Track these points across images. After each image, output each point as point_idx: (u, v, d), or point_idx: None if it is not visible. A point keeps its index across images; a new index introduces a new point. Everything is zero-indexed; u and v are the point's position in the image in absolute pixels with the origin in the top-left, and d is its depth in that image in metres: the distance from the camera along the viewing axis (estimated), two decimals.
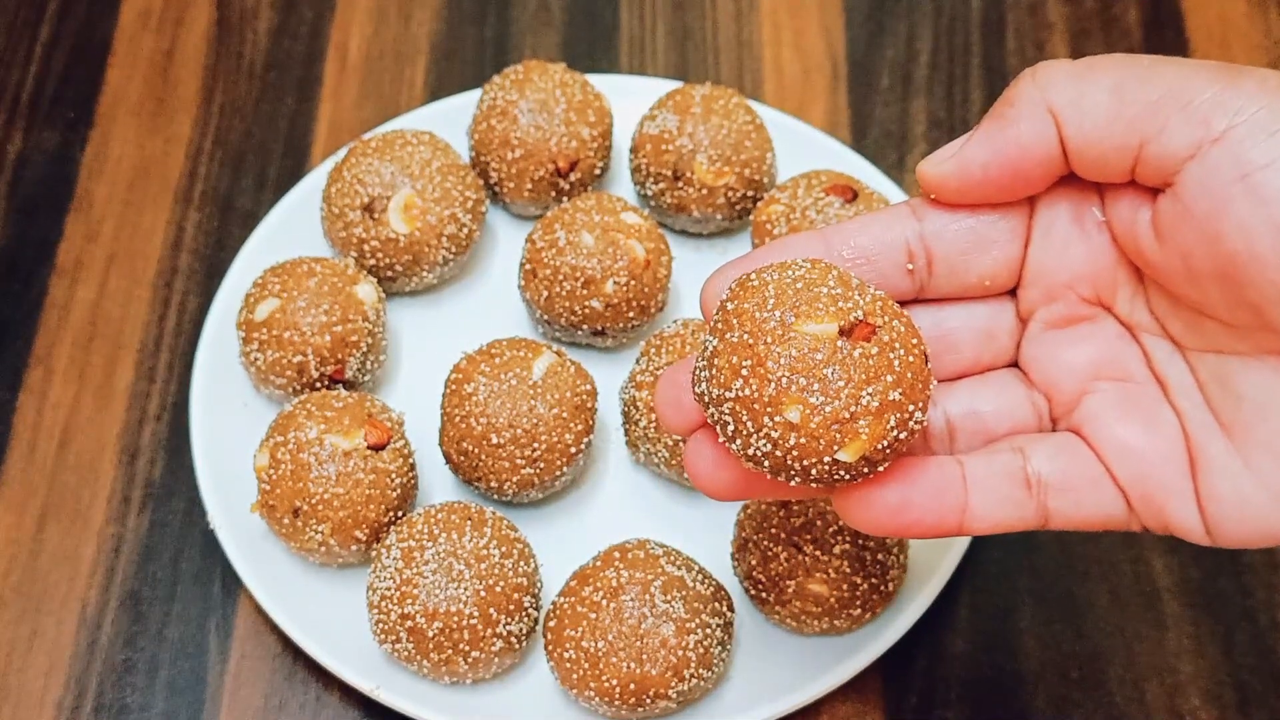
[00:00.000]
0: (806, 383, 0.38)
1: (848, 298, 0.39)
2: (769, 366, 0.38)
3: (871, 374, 0.38)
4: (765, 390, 0.38)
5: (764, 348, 0.38)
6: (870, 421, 0.38)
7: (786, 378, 0.38)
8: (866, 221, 0.42)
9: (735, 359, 0.39)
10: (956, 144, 0.40)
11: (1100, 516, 0.40)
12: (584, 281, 0.60)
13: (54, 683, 0.58)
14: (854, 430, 0.38)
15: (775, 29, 0.77)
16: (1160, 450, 0.39)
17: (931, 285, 0.42)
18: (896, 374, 0.38)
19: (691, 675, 0.52)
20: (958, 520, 0.40)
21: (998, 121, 0.39)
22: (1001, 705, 0.57)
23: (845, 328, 0.38)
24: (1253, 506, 0.38)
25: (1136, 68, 0.37)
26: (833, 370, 0.38)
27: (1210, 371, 0.39)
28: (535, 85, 0.65)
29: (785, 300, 0.39)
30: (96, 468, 0.63)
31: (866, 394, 0.38)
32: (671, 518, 0.60)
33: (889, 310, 0.39)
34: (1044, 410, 0.42)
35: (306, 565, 0.58)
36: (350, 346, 0.60)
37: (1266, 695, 0.57)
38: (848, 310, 0.38)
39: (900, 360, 0.38)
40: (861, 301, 0.39)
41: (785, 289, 0.39)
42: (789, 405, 0.38)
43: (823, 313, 0.38)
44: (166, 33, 0.77)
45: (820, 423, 0.38)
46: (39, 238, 0.70)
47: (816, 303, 0.39)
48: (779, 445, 0.38)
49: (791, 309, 0.39)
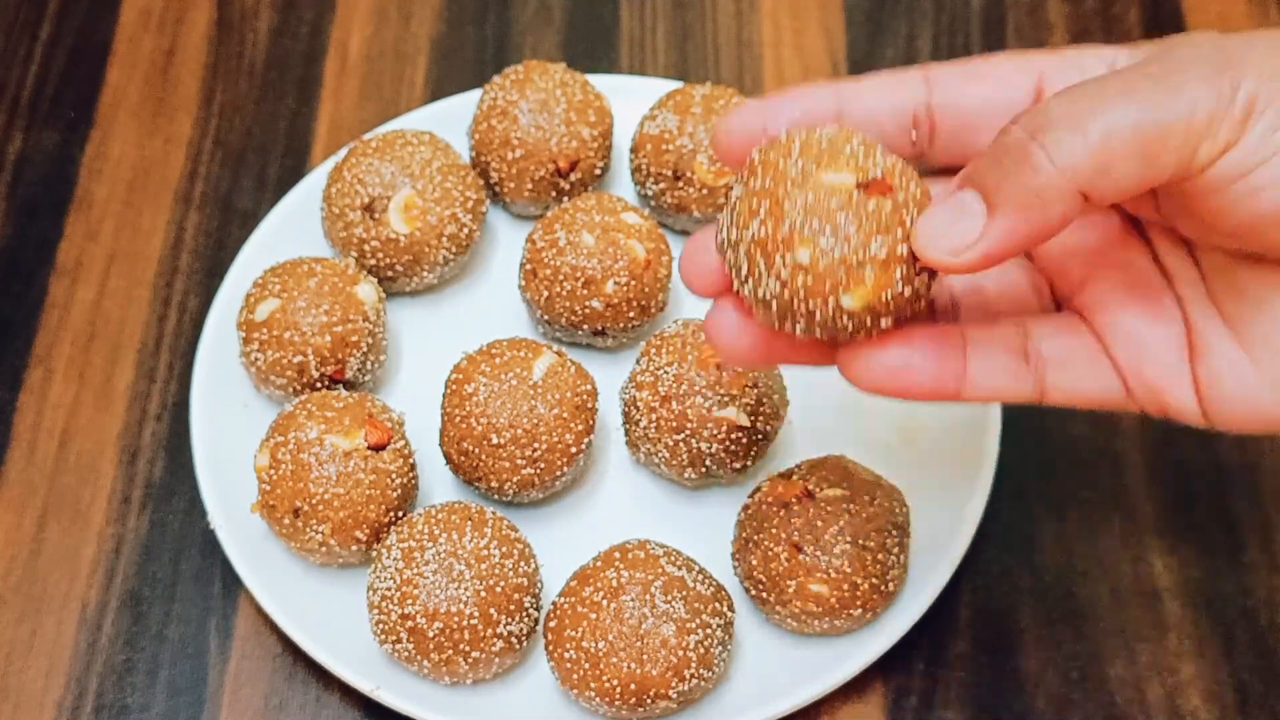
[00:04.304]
0: (819, 225, 0.40)
1: (869, 157, 0.40)
2: (785, 208, 0.40)
3: (883, 226, 0.39)
4: (780, 231, 0.40)
5: (783, 191, 0.40)
6: (876, 270, 0.39)
7: (801, 220, 0.40)
8: (878, 83, 0.42)
9: (755, 202, 0.40)
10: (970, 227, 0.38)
11: (1097, 395, 0.41)
12: (584, 281, 0.60)
13: (54, 683, 0.58)
14: (860, 276, 0.39)
15: (775, 29, 0.77)
16: (1160, 335, 0.40)
17: (930, 154, 0.42)
18: (907, 230, 0.40)
19: (692, 675, 0.52)
20: (956, 387, 0.41)
21: (1023, 211, 0.37)
22: (1001, 705, 0.57)
23: (863, 182, 0.40)
24: (1252, 393, 0.38)
25: (1137, 103, 0.36)
26: (845, 217, 0.40)
27: (1215, 266, 0.39)
28: (535, 85, 0.65)
29: (809, 153, 0.40)
30: (96, 468, 0.63)
31: (875, 243, 0.39)
32: (671, 518, 0.60)
33: (908, 175, 0.40)
34: (1046, 293, 0.43)
35: (306, 565, 0.58)
36: (350, 346, 0.60)
37: (1266, 695, 0.57)
38: (867, 167, 0.40)
39: (913, 219, 0.40)
40: (882, 163, 0.40)
41: (810, 145, 0.41)
42: (800, 246, 0.40)
43: (843, 166, 0.40)
44: (166, 33, 0.77)
45: (828, 265, 0.39)
46: (39, 238, 0.70)
47: (838, 157, 0.40)
48: (788, 286, 0.40)
49: (814, 160, 0.40)
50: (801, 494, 0.55)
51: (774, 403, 0.58)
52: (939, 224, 0.39)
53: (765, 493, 0.56)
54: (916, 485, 0.58)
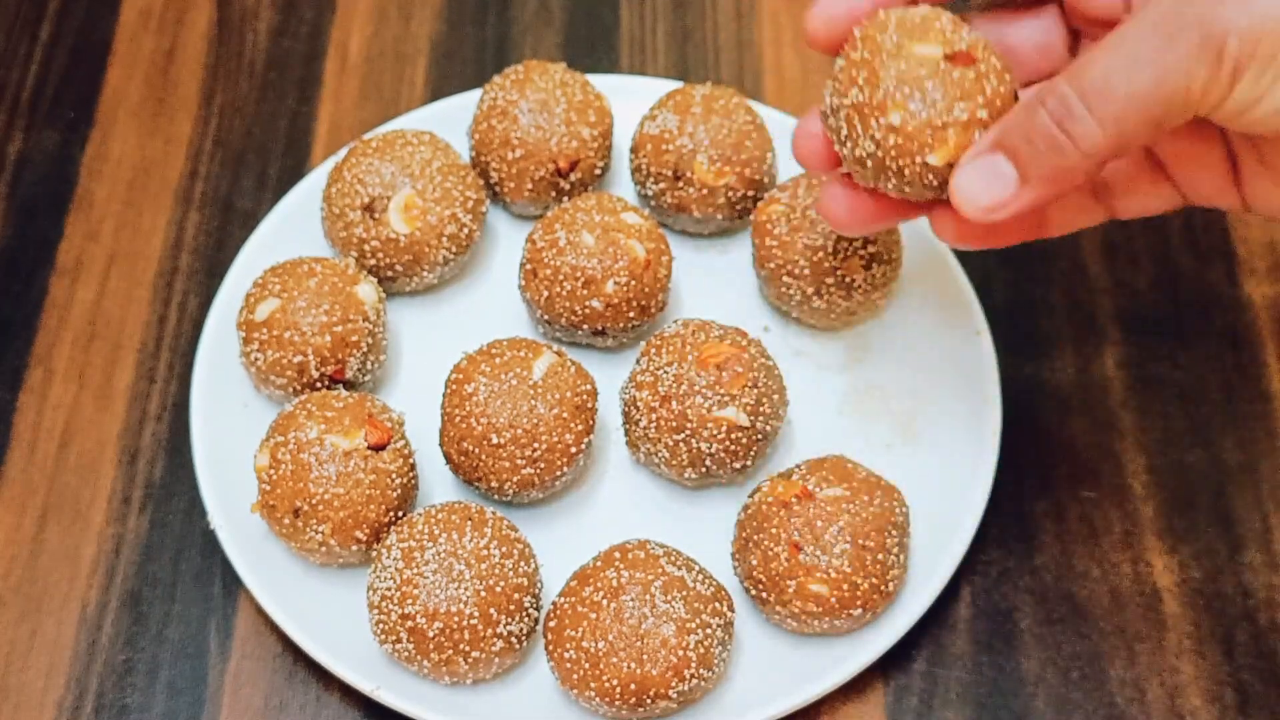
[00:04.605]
0: (910, 91, 0.46)
1: (956, 32, 0.46)
2: (880, 76, 0.46)
3: (965, 92, 0.45)
4: (875, 96, 0.46)
5: (879, 61, 0.46)
6: (957, 131, 0.45)
7: (894, 86, 0.46)
8: None
9: (854, 72, 0.47)
10: (1003, 189, 0.45)
11: (1159, 208, 0.50)
12: (584, 281, 0.60)
13: (54, 683, 0.58)
14: (944, 137, 0.45)
15: (775, 29, 0.77)
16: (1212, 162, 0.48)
17: None
18: (986, 97, 0.46)
19: (692, 675, 0.52)
20: (1038, 222, 0.51)
21: (1051, 183, 0.44)
22: (1001, 705, 0.57)
23: (949, 54, 0.46)
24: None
25: (1142, 84, 0.41)
26: (932, 84, 0.46)
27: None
28: (535, 85, 0.65)
29: (904, 28, 0.47)
30: (96, 468, 0.63)
31: (959, 108, 0.45)
32: (671, 518, 0.60)
33: (990, 50, 0.46)
34: None
35: (306, 565, 0.58)
36: (350, 346, 0.60)
37: (1266, 695, 0.57)
38: (954, 41, 0.46)
39: (991, 89, 0.46)
40: (967, 38, 0.46)
41: (905, 20, 0.47)
42: (892, 110, 0.46)
43: (933, 39, 0.46)
44: (166, 33, 0.77)
45: (916, 126, 0.45)
46: (39, 238, 0.70)
47: (929, 31, 0.46)
48: (881, 145, 0.46)
49: (907, 34, 0.46)
50: (801, 494, 0.55)
51: (774, 403, 0.58)
52: (977, 184, 0.45)
53: (765, 493, 0.56)
54: (916, 485, 0.58)
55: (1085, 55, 0.43)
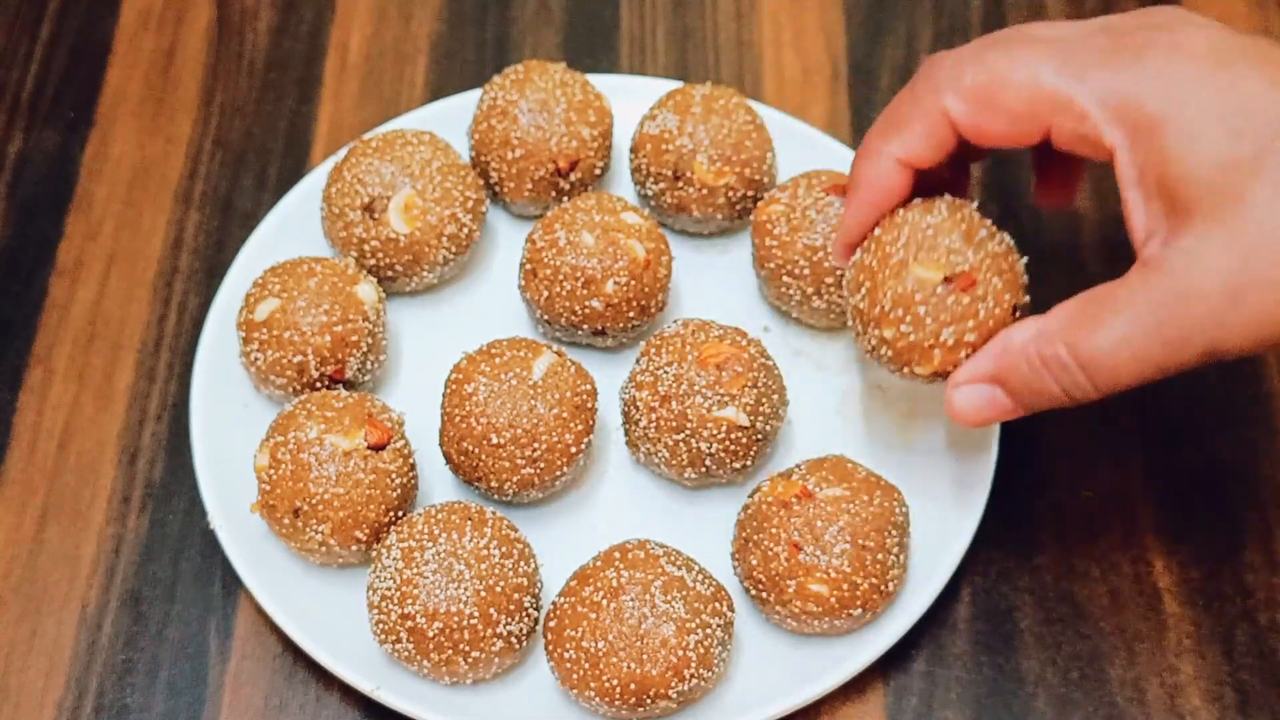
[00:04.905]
0: (902, 314, 0.50)
1: (962, 251, 0.50)
2: (879, 294, 0.51)
3: (956, 317, 0.50)
4: (873, 310, 0.51)
5: (880, 276, 0.51)
6: (943, 352, 0.50)
7: (889, 305, 0.51)
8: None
9: (861, 277, 0.52)
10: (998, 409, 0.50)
11: None
12: (584, 281, 0.60)
13: (54, 683, 0.58)
14: (930, 356, 0.51)
15: (775, 29, 0.77)
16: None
17: None
18: (978, 321, 0.50)
19: (692, 675, 0.52)
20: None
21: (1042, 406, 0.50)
22: (1001, 705, 0.57)
23: (949, 276, 0.50)
24: None
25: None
26: (925, 308, 0.50)
27: None
28: (535, 85, 0.65)
29: (912, 243, 0.50)
30: (96, 468, 0.63)
31: (947, 332, 0.50)
32: (671, 518, 0.60)
33: (995, 268, 0.50)
34: None
35: (306, 565, 0.58)
36: (350, 346, 0.60)
37: (1266, 695, 0.57)
38: (955, 264, 0.50)
39: (986, 311, 0.50)
40: (972, 257, 0.50)
41: (918, 229, 0.51)
42: (885, 326, 0.51)
43: (936, 262, 0.50)
44: (166, 32, 0.77)
45: (905, 345, 0.51)
46: (39, 238, 0.70)
47: (935, 252, 0.50)
48: (875, 350, 0.52)
49: (914, 249, 0.50)
50: (801, 494, 0.55)
51: (774, 403, 0.58)
52: (972, 405, 0.50)
53: (765, 493, 0.56)
54: (916, 485, 0.58)
55: (1085, 311, 0.46)
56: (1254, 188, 0.43)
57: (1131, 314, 0.45)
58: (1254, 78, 0.44)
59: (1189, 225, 0.44)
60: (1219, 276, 0.43)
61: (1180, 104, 0.44)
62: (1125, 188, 0.46)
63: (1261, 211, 0.43)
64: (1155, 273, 0.45)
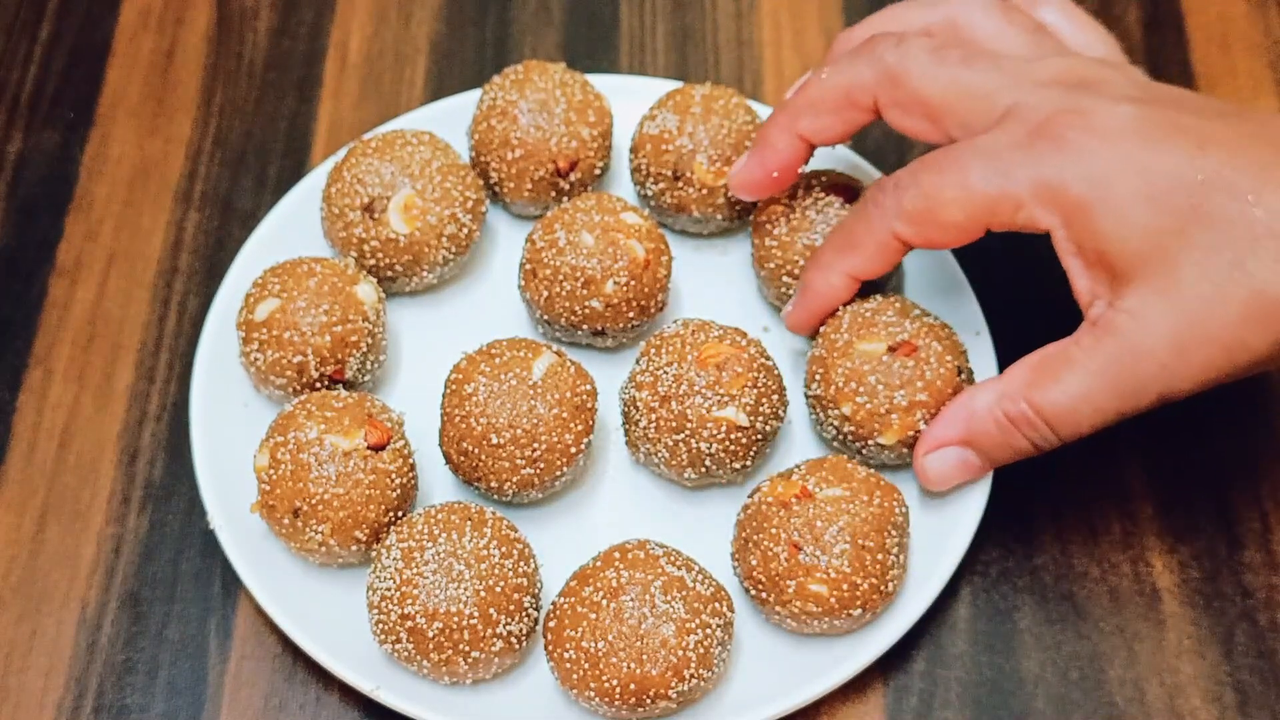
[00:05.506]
0: (856, 386, 0.55)
1: (900, 324, 0.56)
2: (832, 375, 0.56)
3: (905, 380, 0.55)
4: (829, 391, 0.56)
5: (831, 360, 0.56)
6: (901, 415, 0.55)
7: (843, 382, 0.56)
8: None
9: (814, 368, 0.57)
10: (970, 470, 0.56)
11: None
12: (584, 281, 0.60)
13: (54, 683, 0.58)
14: (889, 422, 0.55)
15: (775, 29, 0.77)
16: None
17: None
18: (926, 381, 0.55)
19: (691, 675, 0.52)
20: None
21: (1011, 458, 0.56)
22: (1001, 705, 0.57)
23: (892, 345, 0.55)
24: None
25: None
26: (875, 378, 0.55)
27: None
28: (535, 85, 0.65)
29: (854, 325, 0.56)
30: (96, 468, 0.63)
31: (899, 395, 0.55)
32: (671, 518, 0.60)
33: (934, 333, 0.56)
34: None
35: (306, 565, 0.58)
36: (350, 346, 0.60)
37: (1266, 695, 0.57)
38: (895, 334, 0.56)
39: (931, 371, 0.55)
40: (909, 328, 0.56)
41: (857, 317, 0.57)
42: (843, 402, 0.56)
43: (876, 335, 0.56)
44: (166, 33, 0.77)
45: (863, 416, 0.56)
46: (39, 238, 0.70)
47: (875, 328, 0.56)
48: (839, 431, 0.57)
49: (857, 330, 0.56)
50: (801, 494, 0.55)
51: (774, 403, 0.58)
52: (945, 470, 0.55)
53: (765, 493, 0.56)
54: (916, 485, 0.58)
55: (1042, 370, 0.52)
56: (1181, 253, 0.48)
57: (1087, 371, 0.50)
58: (1171, 152, 0.49)
59: (1129, 289, 0.49)
60: (1165, 337, 0.49)
61: (1104, 186, 0.49)
62: (1065, 256, 0.51)
63: (1193, 274, 0.48)
64: (1106, 333, 0.50)
